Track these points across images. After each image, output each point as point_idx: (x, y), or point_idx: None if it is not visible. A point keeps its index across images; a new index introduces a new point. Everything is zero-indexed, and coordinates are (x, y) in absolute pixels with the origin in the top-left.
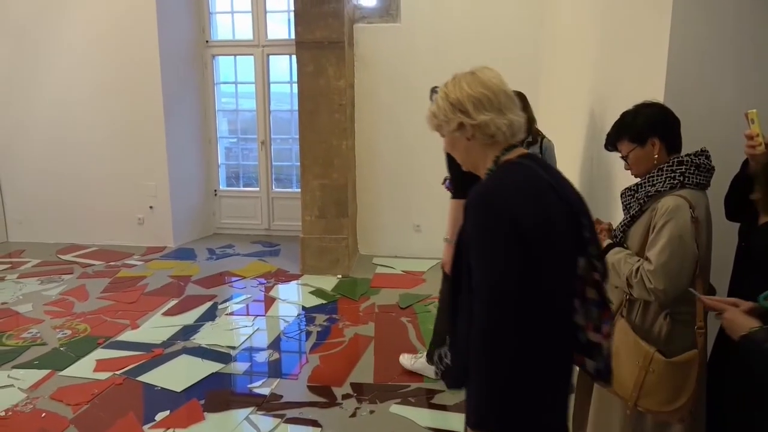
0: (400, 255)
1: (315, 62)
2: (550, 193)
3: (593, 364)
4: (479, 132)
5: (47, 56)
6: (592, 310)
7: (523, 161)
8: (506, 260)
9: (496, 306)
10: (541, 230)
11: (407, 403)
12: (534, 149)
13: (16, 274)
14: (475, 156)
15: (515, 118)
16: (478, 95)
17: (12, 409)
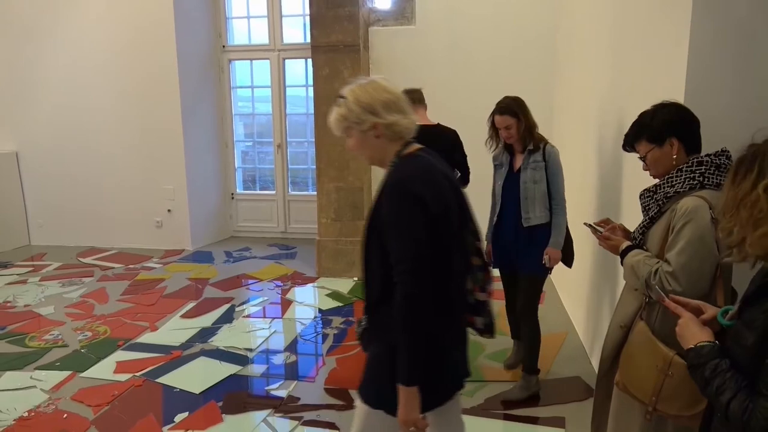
0: None
1: (330, 66)
2: (444, 180)
3: (481, 320)
4: (388, 130)
5: (69, 62)
6: (477, 274)
7: (420, 154)
8: (421, 236)
9: (418, 273)
10: (442, 210)
11: None
12: (536, 157)
13: (39, 276)
14: (382, 152)
15: (414, 119)
16: (385, 99)
17: (35, 410)
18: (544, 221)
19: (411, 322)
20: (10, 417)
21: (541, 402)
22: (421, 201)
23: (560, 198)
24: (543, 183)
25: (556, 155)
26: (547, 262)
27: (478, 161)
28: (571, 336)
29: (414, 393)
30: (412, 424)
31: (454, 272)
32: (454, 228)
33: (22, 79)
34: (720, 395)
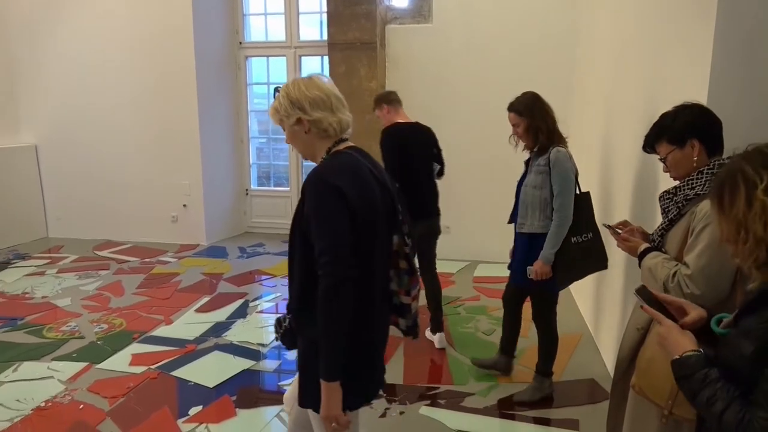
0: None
1: (347, 63)
2: (371, 179)
3: (404, 322)
4: (314, 126)
5: (88, 58)
6: (403, 277)
7: (349, 152)
8: (342, 226)
9: (340, 264)
10: (364, 206)
11: (437, 405)
12: (540, 161)
13: (56, 269)
14: (312, 147)
15: (344, 117)
16: (314, 96)
17: (52, 400)
18: (543, 230)
19: (333, 313)
20: (28, 407)
21: (555, 404)
22: (340, 193)
23: (559, 207)
24: (545, 190)
25: (563, 161)
26: (530, 274)
27: (497, 159)
28: (586, 338)
29: (335, 388)
30: (333, 420)
31: (376, 271)
32: (379, 228)
33: (42, 75)
34: (711, 406)
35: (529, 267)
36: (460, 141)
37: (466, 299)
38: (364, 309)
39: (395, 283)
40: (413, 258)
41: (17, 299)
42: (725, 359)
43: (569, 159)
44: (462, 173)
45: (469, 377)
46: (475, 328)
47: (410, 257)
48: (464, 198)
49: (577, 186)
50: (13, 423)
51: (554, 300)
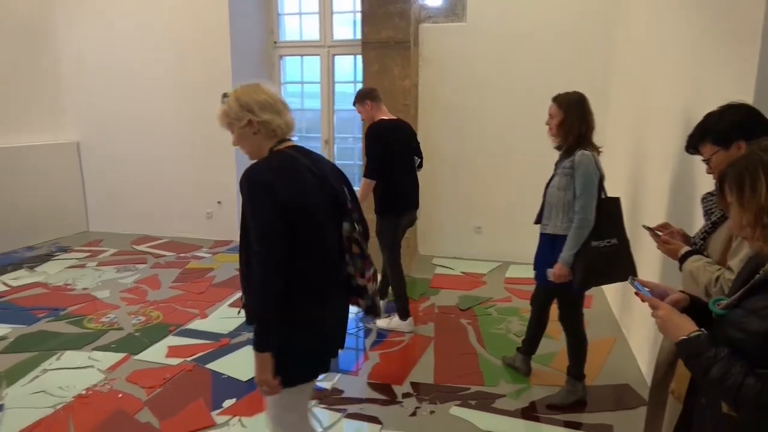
0: (460, 256)
1: (380, 62)
2: (307, 174)
3: (364, 302)
4: (263, 127)
5: (129, 56)
6: (357, 261)
7: (287, 151)
8: (270, 219)
9: (267, 256)
10: (294, 199)
11: (467, 405)
12: (566, 163)
13: (96, 262)
14: (258, 147)
15: (288, 120)
16: (262, 100)
17: (92, 389)
18: (565, 232)
19: (263, 293)
20: (70, 394)
21: (588, 408)
22: (268, 188)
23: (580, 210)
24: (569, 192)
25: (586, 164)
26: (548, 276)
27: (529, 160)
28: (620, 342)
29: (265, 358)
30: (264, 384)
31: (317, 256)
32: (314, 216)
33: (84, 74)
34: (725, 381)
35: (549, 269)
36: (492, 141)
37: (497, 300)
38: (308, 292)
39: (351, 267)
40: (364, 243)
41: (59, 290)
42: (729, 337)
43: (593, 162)
44: (493, 173)
45: (499, 379)
46: (506, 329)
47: (361, 242)
48: (496, 199)
49: (603, 190)
50: (56, 409)
51: (579, 301)
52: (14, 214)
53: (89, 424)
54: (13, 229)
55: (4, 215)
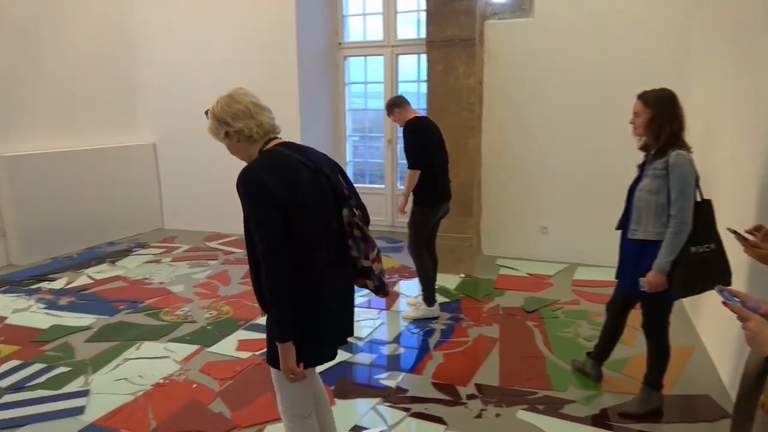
0: (525, 257)
1: (445, 61)
2: (300, 168)
3: (371, 283)
4: (241, 135)
5: (200, 59)
6: (360, 244)
7: (277, 149)
8: (270, 218)
9: (271, 252)
10: (290, 195)
11: (535, 410)
12: (657, 164)
13: (171, 257)
14: (246, 152)
15: (264, 120)
16: (234, 111)
17: (169, 378)
18: (657, 238)
19: (273, 292)
20: (149, 382)
21: (664, 419)
22: (263, 187)
23: (677, 213)
24: (662, 195)
25: (683, 164)
26: (642, 285)
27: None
28: (699, 350)
29: (288, 347)
30: (290, 372)
31: (319, 244)
32: (311, 207)
33: (159, 76)
34: None
35: (642, 278)
36: (560, 140)
37: (564, 303)
38: (313, 280)
39: (354, 250)
40: (365, 226)
41: (138, 284)
42: None
43: (690, 163)
44: (561, 173)
45: (568, 384)
46: (575, 333)
47: (362, 226)
48: (563, 199)
49: (698, 192)
50: (136, 396)
51: (668, 310)
52: (98, 212)
53: (166, 412)
54: (97, 225)
55: (89, 212)
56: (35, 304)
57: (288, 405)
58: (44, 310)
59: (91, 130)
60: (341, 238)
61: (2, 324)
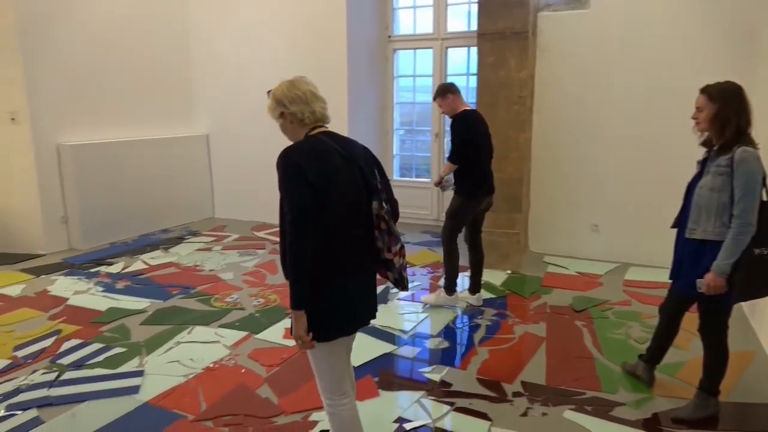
0: (574, 255)
1: (496, 53)
2: (335, 156)
3: (391, 275)
4: (294, 117)
5: (252, 53)
6: (384, 237)
7: (319, 136)
8: (300, 193)
9: (297, 225)
10: (322, 178)
11: (583, 411)
12: (721, 161)
13: (221, 246)
14: (295, 133)
15: (317, 108)
16: (292, 95)
17: (218, 362)
18: (717, 238)
19: (293, 261)
20: (199, 366)
21: (720, 426)
22: (298, 168)
23: (741, 213)
24: (724, 193)
25: (749, 161)
26: (700, 287)
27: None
28: (760, 356)
29: (300, 315)
30: (299, 339)
31: (342, 230)
32: (341, 193)
33: (214, 69)
34: None
35: (699, 280)
36: (614, 135)
37: (615, 303)
38: (335, 257)
39: (379, 242)
40: (392, 220)
41: (190, 270)
42: None
43: (758, 160)
44: (614, 169)
45: (618, 386)
46: (626, 334)
47: (388, 220)
48: (616, 196)
49: (765, 191)
50: (188, 379)
51: (726, 313)
52: (153, 200)
53: (216, 395)
54: (152, 213)
55: (145, 200)
56: (94, 287)
57: (325, 383)
58: (102, 292)
59: (150, 121)
60: (368, 227)
61: (64, 305)
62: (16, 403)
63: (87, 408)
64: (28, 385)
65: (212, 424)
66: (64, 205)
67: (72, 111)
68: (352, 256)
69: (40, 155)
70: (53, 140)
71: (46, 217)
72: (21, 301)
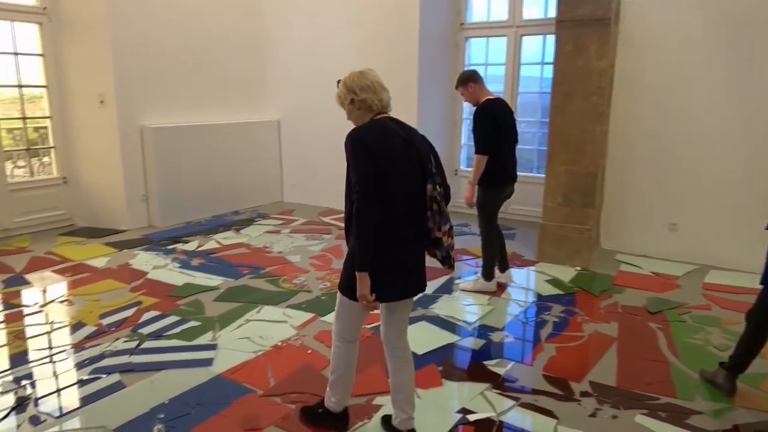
0: (649, 254)
1: (575, 41)
2: (395, 138)
3: (439, 253)
4: (363, 104)
5: (324, 41)
6: (436, 217)
7: (382, 120)
8: (366, 168)
9: (364, 192)
10: (384, 155)
11: (656, 416)
12: None
13: (289, 229)
14: (361, 119)
15: (383, 97)
16: (362, 84)
17: (286, 342)
18: None
19: (360, 225)
20: (268, 344)
21: None
22: (364, 144)
23: None
24: None
25: None
26: None
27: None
28: None
29: (363, 276)
30: (364, 299)
31: (398, 203)
32: (400, 172)
33: (285, 56)
34: None
35: None
36: (699, 130)
37: (693, 307)
38: (389, 232)
39: (431, 222)
40: (443, 202)
41: (259, 251)
42: None
43: None
44: (697, 166)
45: (696, 393)
46: (705, 340)
47: (440, 201)
48: (698, 194)
49: None
50: (257, 355)
51: None
52: (225, 182)
53: (283, 372)
54: (224, 195)
55: (218, 183)
56: (171, 263)
57: (340, 328)
58: (179, 268)
59: (225, 106)
60: (422, 207)
61: (144, 278)
62: (101, 367)
63: (164, 376)
64: (112, 351)
65: (280, 400)
66: (145, 185)
67: (154, 95)
68: (406, 231)
69: (125, 137)
70: (137, 122)
71: (129, 195)
72: (106, 272)
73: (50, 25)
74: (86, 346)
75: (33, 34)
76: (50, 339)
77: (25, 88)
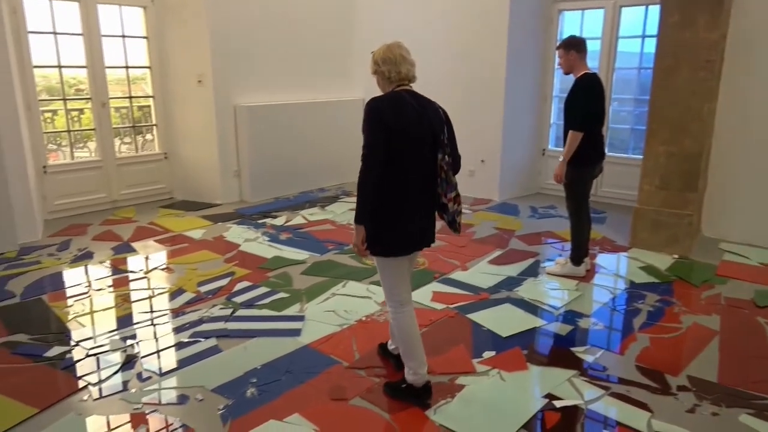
0: (756, 243)
1: (682, 11)
2: (409, 108)
3: (446, 217)
4: (383, 75)
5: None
6: (443, 184)
7: (400, 92)
8: (375, 134)
9: (369, 157)
10: (397, 125)
11: (763, 417)
12: None
13: None
14: (384, 88)
15: (403, 69)
16: (385, 56)
17: (369, 317)
18: None
19: (362, 185)
20: (352, 318)
21: None
22: (377, 111)
23: None
24: None
25: None
26: None
27: None
28: None
29: (360, 228)
30: (356, 246)
31: (411, 171)
32: (412, 142)
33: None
34: None
35: None
36: None
37: None
38: (405, 191)
39: (440, 188)
40: (451, 171)
41: (343, 228)
42: None
43: None
44: None
45: None
46: None
47: (448, 170)
48: None
49: None
50: (342, 328)
51: None
52: (312, 160)
53: (368, 346)
54: (311, 172)
55: (305, 160)
56: (261, 237)
57: (387, 291)
58: (268, 242)
59: (313, 84)
60: (432, 173)
61: (236, 250)
62: (199, 331)
63: (256, 343)
64: (209, 317)
65: (364, 373)
66: (237, 161)
67: (247, 75)
68: (418, 193)
69: (220, 114)
70: (231, 101)
71: (223, 170)
72: (202, 243)
73: (154, 9)
74: (186, 311)
75: (138, 17)
76: (151, 303)
77: (131, 69)
